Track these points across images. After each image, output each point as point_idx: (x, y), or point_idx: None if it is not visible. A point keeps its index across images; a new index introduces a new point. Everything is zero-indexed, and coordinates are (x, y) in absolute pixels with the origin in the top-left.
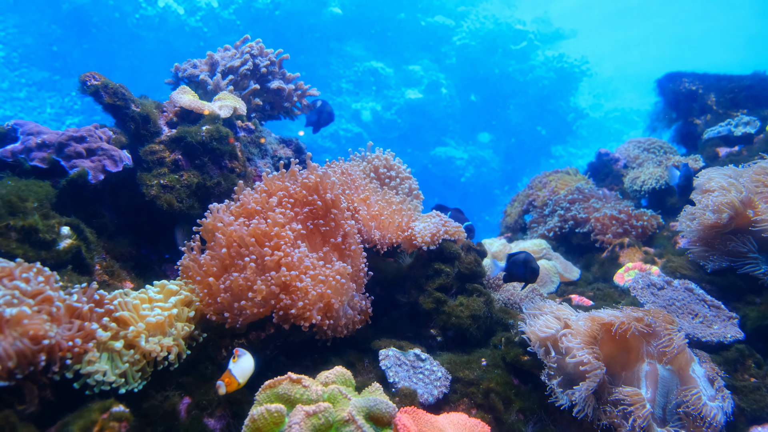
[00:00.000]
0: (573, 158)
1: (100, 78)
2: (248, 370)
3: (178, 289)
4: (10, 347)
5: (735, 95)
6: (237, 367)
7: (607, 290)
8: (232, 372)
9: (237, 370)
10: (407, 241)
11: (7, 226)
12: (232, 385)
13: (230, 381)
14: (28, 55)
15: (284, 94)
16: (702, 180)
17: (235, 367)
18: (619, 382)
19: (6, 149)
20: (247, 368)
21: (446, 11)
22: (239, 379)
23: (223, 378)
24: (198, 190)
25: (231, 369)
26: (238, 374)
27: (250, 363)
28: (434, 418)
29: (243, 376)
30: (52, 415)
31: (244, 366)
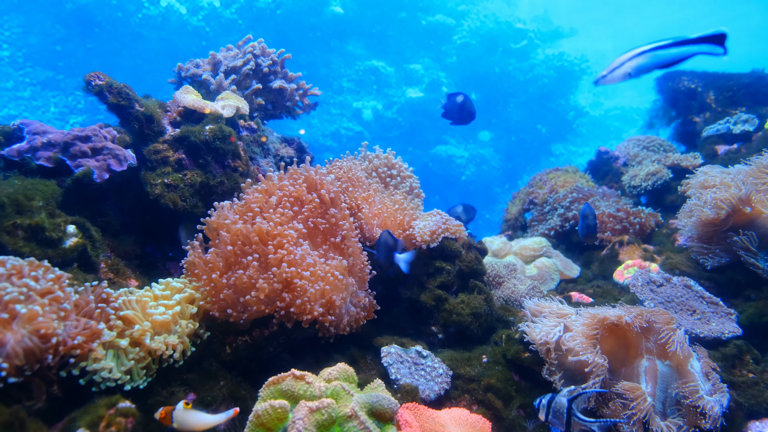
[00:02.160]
0: (573, 156)
1: (104, 78)
2: (188, 424)
3: (182, 286)
4: (18, 345)
5: (734, 93)
6: (183, 414)
7: (607, 287)
8: (173, 415)
9: (179, 417)
10: (408, 239)
11: (14, 224)
12: (166, 418)
13: (165, 416)
14: (32, 54)
15: (286, 94)
16: (700, 177)
17: (181, 413)
18: (619, 377)
19: (12, 148)
20: (189, 423)
21: (447, 10)
22: (174, 424)
23: (164, 409)
24: (201, 189)
25: (176, 412)
26: (177, 420)
27: (196, 420)
28: (436, 413)
29: (180, 423)
30: (59, 411)
31: (188, 419)
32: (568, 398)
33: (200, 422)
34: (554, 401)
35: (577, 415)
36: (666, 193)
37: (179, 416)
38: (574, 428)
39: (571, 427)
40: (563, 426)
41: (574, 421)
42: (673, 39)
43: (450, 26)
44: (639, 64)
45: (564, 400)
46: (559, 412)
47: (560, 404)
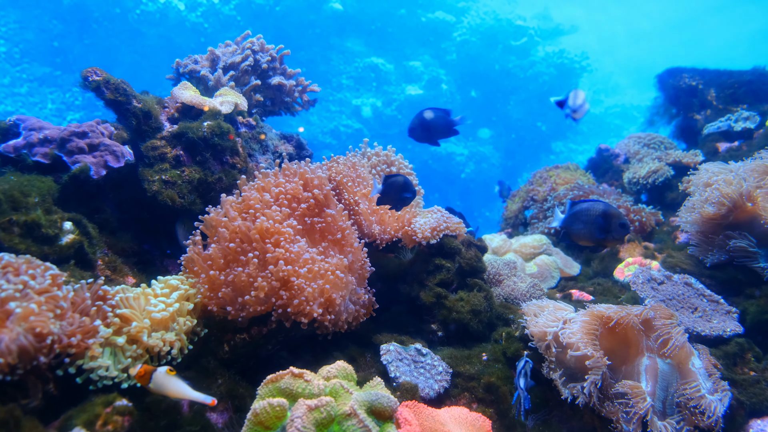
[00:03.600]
0: (573, 154)
1: (101, 74)
2: (165, 390)
3: (178, 284)
4: (13, 343)
5: (735, 90)
6: (164, 378)
7: (608, 285)
8: (153, 376)
9: (159, 379)
10: (407, 236)
11: (9, 221)
12: (145, 377)
13: (144, 374)
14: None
15: (285, 90)
16: (702, 174)
17: (162, 377)
18: (619, 375)
19: (8, 144)
20: (167, 388)
21: (446, 7)
22: (150, 384)
23: (144, 367)
24: (199, 186)
25: (157, 373)
26: (156, 382)
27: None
28: (435, 412)
29: (158, 386)
30: (56, 410)
31: (167, 385)
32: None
33: (178, 391)
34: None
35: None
36: (667, 190)
37: (159, 379)
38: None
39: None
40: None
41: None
42: None
43: (450, 23)
44: None
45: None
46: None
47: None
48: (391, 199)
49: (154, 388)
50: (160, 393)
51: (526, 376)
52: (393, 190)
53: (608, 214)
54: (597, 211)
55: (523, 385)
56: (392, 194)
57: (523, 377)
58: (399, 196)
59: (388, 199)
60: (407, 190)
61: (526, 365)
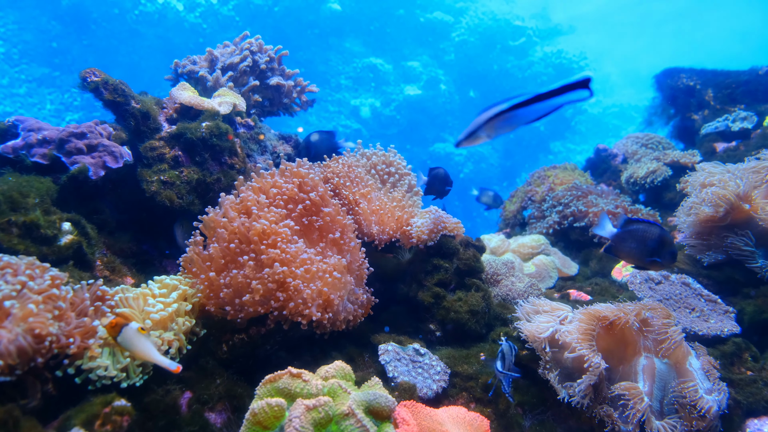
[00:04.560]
0: (571, 154)
1: (100, 74)
2: (132, 347)
3: (177, 284)
4: (11, 344)
5: (732, 91)
6: (133, 335)
7: (605, 285)
8: (123, 330)
9: (128, 335)
10: (406, 236)
11: (8, 221)
12: (115, 328)
13: (115, 326)
14: (28, 51)
15: (283, 91)
16: (699, 175)
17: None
18: (617, 375)
19: (7, 145)
20: (134, 346)
21: (445, 7)
22: (119, 338)
23: (116, 320)
24: (198, 186)
25: (127, 329)
26: (124, 337)
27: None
28: (433, 411)
29: (125, 341)
30: (54, 410)
31: (135, 343)
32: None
33: (144, 351)
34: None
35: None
36: (665, 190)
37: (128, 335)
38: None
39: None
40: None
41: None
42: (534, 93)
43: (448, 23)
44: (497, 125)
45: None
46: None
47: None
48: (436, 189)
49: (122, 343)
50: (127, 350)
51: (503, 359)
52: (437, 181)
53: (663, 239)
54: (653, 234)
55: (500, 367)
56: (436, 185)
57: (500, 360)
58: (442, 188)
59: (432, 190)
60: (448, 183)
61: (504, 349)
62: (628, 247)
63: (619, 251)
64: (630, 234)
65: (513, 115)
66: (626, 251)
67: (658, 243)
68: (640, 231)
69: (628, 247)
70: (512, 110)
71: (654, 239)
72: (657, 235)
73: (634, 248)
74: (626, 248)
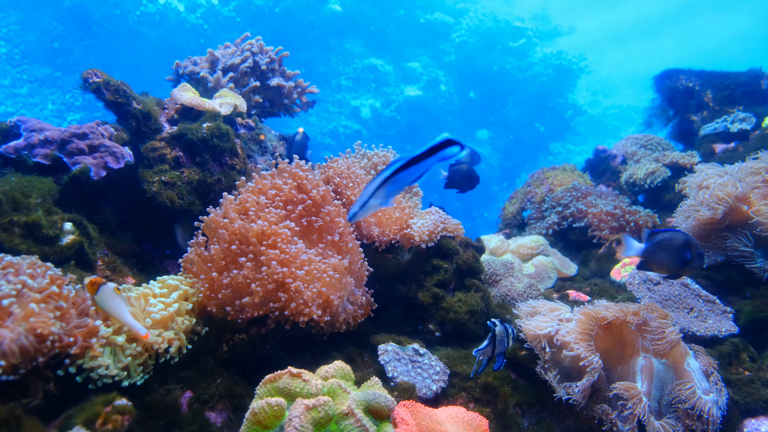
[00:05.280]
0: (571, 155)
1: (101, 75)
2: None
3: (178, 284)
4: (14, 343)
5: (731, 92)
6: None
7: (604, 286)
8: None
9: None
10: (406, 237)
11: (10, 221)
12: (94, 286)
13: (94, 284)
14: (30, 51)
15: (284, 92)
16: (696, 176)
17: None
18: (615, 375)
19: (9, 145)
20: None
21: (445, 8)
22: (96, 296)
23: (96, 278)
24: (199, 187)
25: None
26: (101, 296)
27: (114, 308)
28: (432, 411)
29: (101, 300)
30: (56, 409)
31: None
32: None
33: (116, 311)
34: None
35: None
36: (664, 191)
37: (105, 293)
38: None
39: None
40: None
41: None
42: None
43: (448, 24)
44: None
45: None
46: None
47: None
48: (457, 183)
49: (98, 302)
50: (102, 308)
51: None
52: (459, 177)
53: (690, 244)
54: (679, 241)
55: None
56: (458, 180)
57: (488, 341)
58: (463, 183)
59: (453, 184)
60: (472, 179)
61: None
62: (660, 259)
63: (652, 264)
64: (658, 245)
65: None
66: (659, 263)
67: (686, 247)
68: (666, 240)
69: (660, 259)
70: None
71: (681, 245)
72: (683, 240)
73: (666, 258)
74: (658, 260)
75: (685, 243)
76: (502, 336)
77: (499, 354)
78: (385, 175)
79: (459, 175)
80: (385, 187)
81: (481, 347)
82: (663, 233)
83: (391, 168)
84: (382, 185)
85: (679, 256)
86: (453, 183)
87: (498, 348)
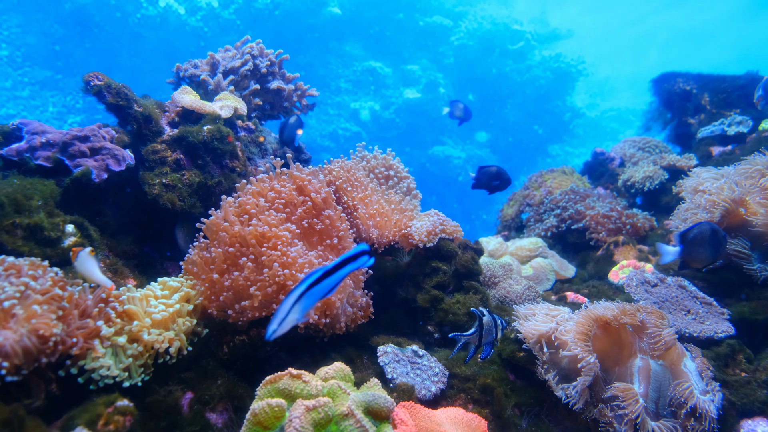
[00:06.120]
0: (569, 157)
1: (103, 78)
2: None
3: (179, 285)
4: (17, 344)
5: (728, 95)
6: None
7: (602, 288)
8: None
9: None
10: (405, 239)
11: (13, 224)
12: (74, 254)
13: (75, 250)
14: (31, 54)
15: (284, 95)
16: (692, 179)
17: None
18: (612, 377)
19: (11, 148)
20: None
21: (444, 11)
22: (76, 262)
23: (79, 248)
24: (199, 189)
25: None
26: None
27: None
28: (431, 412)
29: (78, 263)
30: (58, 409)
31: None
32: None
33: (87, 270)
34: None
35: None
36: (662, 194)
37: (82, 257)
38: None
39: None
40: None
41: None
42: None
43: (447, 27)
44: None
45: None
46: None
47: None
48: (484, 184)
49: (77, 266)
50: (79, 271)
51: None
52: (486, 177)
53: (717, 232)
54: (708, 232)
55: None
56: (485, 181)
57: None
58: (491, 183)
59: (481, 185)
60: (498, 178)
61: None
62: (699, 254)
63: (692, 263)
64: (693, 243)
65: (312, 292)
66: (699, 259)
67: (714, 235)
68: (698, 236)
69: (699, 254)
70: (310, 289)
71: (711, 234)
72: (710, 229)
73: (703, 252)
74: (697, 257)
75: (712, 231)
76: (490, 326)
77: (486, 343)
78: (299, 291)
79: (487, 176)
80: (301, 302)
81: (467, 333)
82: (691, 231)
83: (305, 283)
84: (297, 301)
85: (713, 245)
86: (481, 184)
87: (485, 337)
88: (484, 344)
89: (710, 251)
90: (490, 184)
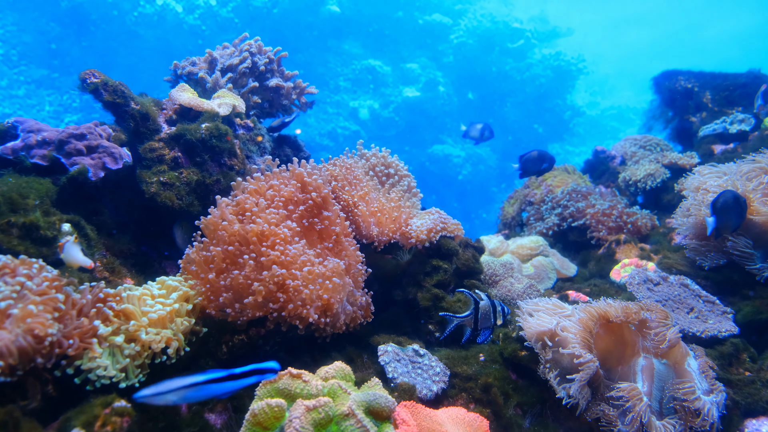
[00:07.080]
0: (570, 156)
1: (99, 76)
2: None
3: (177, 285)
4: (12, 344)
5: (730, 93)
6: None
7: (604, 286)
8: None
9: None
10: (405, 237)
11: (8, 223)
12: (60, 247)
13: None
14: (27, 52)
15: (283, 92)
16: (694, 178)
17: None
18: (616, 376)
19: (6, 146)
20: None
21: (444, 9)
22: (63, 253)
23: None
24: (197, 188)
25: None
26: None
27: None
28: (433, 412)
29: (65, 252)
30: (54, 411)
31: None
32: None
33: (71, 255)
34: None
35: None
36: (663, 192)
37: (68, 246)
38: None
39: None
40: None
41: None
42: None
43: (447, 25)
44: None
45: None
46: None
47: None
48: (531, 171)
49: (64, 257)
50: (65, 259)
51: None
52: (531, 164)
53: (737, 197)
54: (731, 198)
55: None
56: (531, 168)
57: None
58: (537, 168)
59: (528, 172)
60: (544, 161)
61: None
62: (727, 221)
63: (723, 231)
64: (721, 212)
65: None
66: (726, 225)
67: (738, 202)
68: (724, 204)
69: (728, 221)
70: (206, 384)
71: (734, 201)
72: (734, 197)
73: (730, 218)
74: (726, 223)
75: (734, 198)
76: (487, 311)
77: (484, 328)
78: (197, 380)
79: (531, 162)
80: (190, 390)
81: (461, 315)
82: (718, 200)
83: (206, 375)
84: (189, 387)
85: (736, 211)
86: (528, 172)
87: (482, 323)
88: (482, 329)
89: (735, 216)
90: (539, 168)
